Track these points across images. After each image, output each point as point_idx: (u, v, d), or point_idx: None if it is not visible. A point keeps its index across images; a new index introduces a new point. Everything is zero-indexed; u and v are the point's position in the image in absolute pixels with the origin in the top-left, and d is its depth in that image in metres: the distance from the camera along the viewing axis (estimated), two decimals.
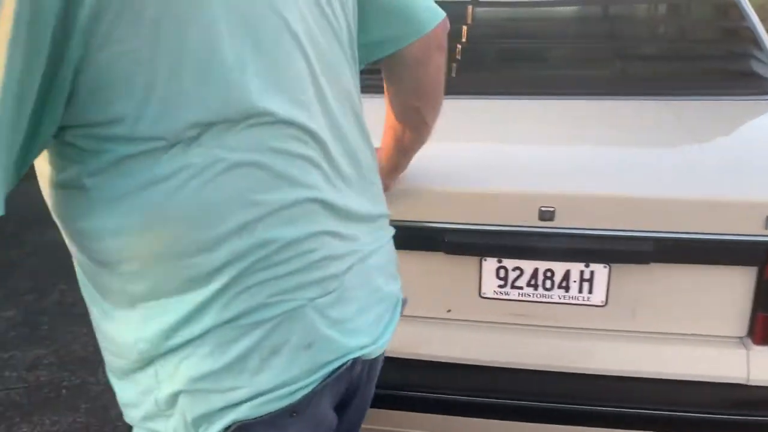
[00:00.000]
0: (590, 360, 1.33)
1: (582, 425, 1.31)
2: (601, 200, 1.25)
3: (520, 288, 1.33)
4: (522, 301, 1.34)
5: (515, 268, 1.32)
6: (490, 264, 1.33)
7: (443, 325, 1.39)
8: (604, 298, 1.31)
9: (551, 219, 1.25)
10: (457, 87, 1.83)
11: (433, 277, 1.36)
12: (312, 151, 0.73)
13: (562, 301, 1.33)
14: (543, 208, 1.25)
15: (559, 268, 1.31)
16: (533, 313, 1.35)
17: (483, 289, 1.35)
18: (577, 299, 1.32)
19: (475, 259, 1.33)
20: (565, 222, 1.25)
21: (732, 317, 1.29)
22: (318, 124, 0.73)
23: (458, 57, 1.91)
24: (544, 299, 1.33)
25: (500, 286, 1.34)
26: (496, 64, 1.94)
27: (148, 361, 0.71)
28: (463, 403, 1.35)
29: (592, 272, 1.30)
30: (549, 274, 1.31)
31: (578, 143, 1.46)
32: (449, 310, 1.38)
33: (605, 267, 1.29)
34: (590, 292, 1.31)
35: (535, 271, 1.32)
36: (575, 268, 1.30)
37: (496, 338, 1.36)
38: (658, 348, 1.31)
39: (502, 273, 1.33)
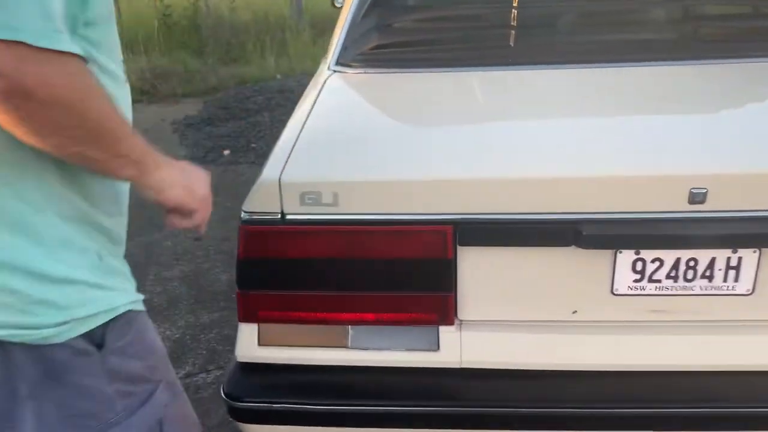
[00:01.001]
0: (735, 355, 1.20)
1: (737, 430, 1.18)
2: (759, 178, 1.10)
3: (658, 281, 1.18)
4: (660, 296, 1.19)
5: (655, 260, 1.17)
6: (626, 257, 1.16)
7: (568, 328, 1.23)
8: (750, 287, 1.17)
9: (702, 202, 1.10)
10: (520, 57, 1.66)
11: (557, 275, 1.19)
12: None
13: (704, 292, 1.18)
14: (694, 190, 1.09)
15: (703, 256, 1.16)
16: (672, 308, 1.20)
17: (615, 285, 1.19)
18: (721, 289, 1.18)
19: (607, 253, 1.17)
20: (717, 205, 1.10)
21: None
22: None
23: (514, 23, 1.73)
24: (684, 292, 1.18)
25: (636, 281, 1.18)
26: (558, 29, 1.77)
27: None
28: (596, 416, 1.20)
29: (739, 258, 1.15)
30: (692, 263, 1.16)
31: (706, 114, 1.31)
32: (575, 312, 1.22)
33: (755, 252, 1.15)
34: (736, 280, 1.17)
35: (677, 261, 1.16)
36: (721, 255, 1.15)
37: (631, 339, 1.21)
38: None
39: (639, 266, 1.17)
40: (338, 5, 3.66)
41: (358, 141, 1.30)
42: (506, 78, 1.60)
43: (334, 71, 1.81)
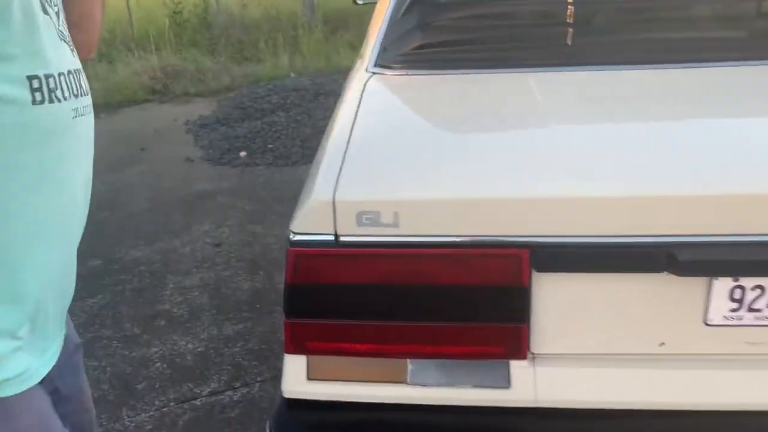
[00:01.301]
0: None
1: None
2: None
3: (758, 310, 1.05)
4: (759, 327, 1.06)
5: (756, 287, 1.03)
6: (723, 284, 1.03)
7: (655, 362, 1.10)
8: None
9: None
10: (579, 57, 1.53)
11: (644, 304, 1.06)
12: None
13: None
14: None
15: None
16: None
17: (709, 315, 1.06)
18: None
19: (702, 280, 1.04)
20: None
21: None
22: None
23: (571, 20, 1.60)
24: None
25: (733, 310, 1.05)
26: (621, 26, 1.63)
27: None
28: None
29: None
30: None
31: None
32: (662, 344, 1.09)
33: None
34: None
35: None
36: None
37: (726, 374, 1.08)
38: None
39: (737, 294, 1.04)
40: (360, 2, 3.53)
41: (416, 153, 1.17)
42: (569, 80, 1.46)
43: (373, 73, 1.68)
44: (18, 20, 0.76)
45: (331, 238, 1.05)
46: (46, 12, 0.84)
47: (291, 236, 1.08)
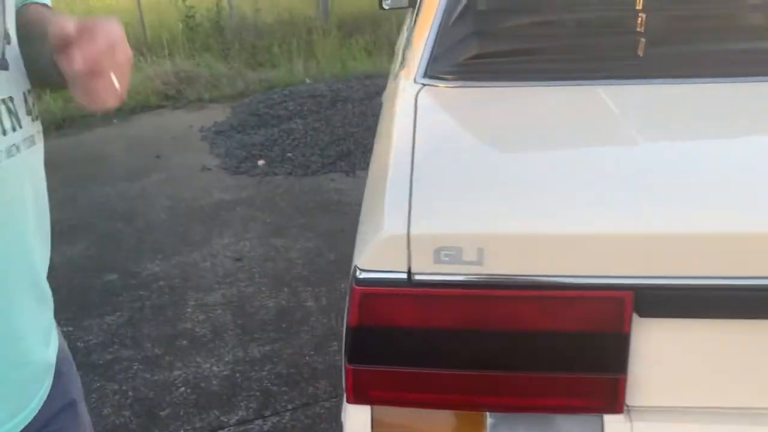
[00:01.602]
0: None
1: None
2: None
3: None
4: None
5: None
6: None
7: (763, 419, 0.97)
8: None
9: None
10: (652, 69, 1.40)
11: (760, 352, 0.93)
12: None
13: None
14: None
15: None
16: None
17: None
18: None
19: None
20: None
21: None
22: None
23: (642, 29, 1.47)
24: None
25: None
26: (696, 36, 1.50)
27: None
28: None
29: None
30: None
31: None
32: None
33: None
34: None
35: None
36: None
37: None
38: None
39: None
40: (386, 7, 3.41)
41: (496, 178, 1.05)
42: (646, 94, 1.34)
43: (423, 84, 1.56)
44: None
45: (404, 276, 0.93)
46: None
47: (357, 273, 0.95)
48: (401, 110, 1.46)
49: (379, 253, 0.94)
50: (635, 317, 0.91)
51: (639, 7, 1.49)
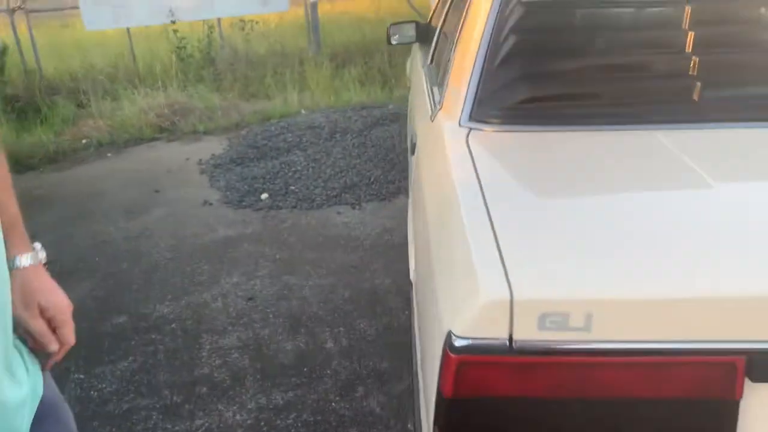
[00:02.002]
0: None
1: None
2: None
3: None
4: None
5: None
6: None
7: None
8: None
9: None
10: (710, 113, 1.39)
11: None
12: None
13: None
14: None
15: None
16: None
17: None
18: None
19: None
20: None
21: None
22: None
23: (695, 73, 1.46)
24: None
25: None
26: (751, 78, 1.49)
27: None
28: None
29: None
30: None
31: None
32: None
33: None
34: None
35: None
36: None
37: None
38: None
39: None
40: (394, 42, 3.40)
41: (586, 236, 1.01)
42: (708, 139, 1.32)
43: (470, 128, 1.53)
44: None
45: (505, 343, 0.88)
46: None
47: (453, 340, 0.91)
48: (453, 157, 1.43)
49: (478, 319, 0.90)
50: (747, 382, 0.88)
51: (692, 50, 1.48)
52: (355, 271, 3.16)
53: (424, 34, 3.40)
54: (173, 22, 7.13)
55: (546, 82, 1.53)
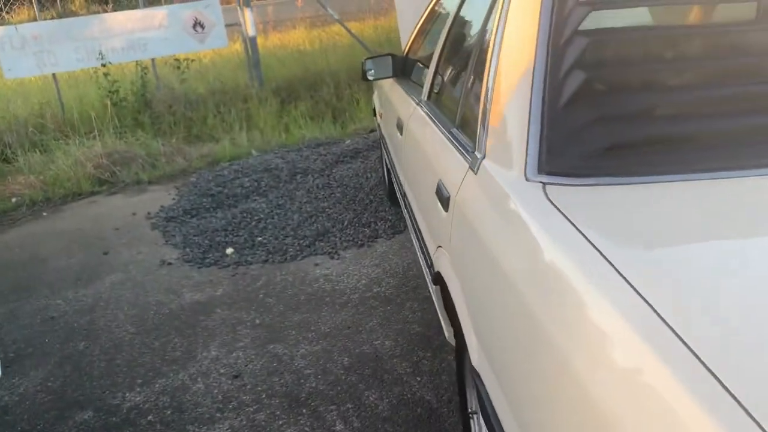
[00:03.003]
0: None
1: None
2: None
3: None
4: None
5: None
6: None
7: None
8: None
9: None
10: None
11: None
12: None
13: None
14: None
15: None
16: None
17: None
18: None
19: None
20: None
21: None
22: None
23: None
24: None
25: None
26: None
27: None
28: None
29: None
30: None
31: None
32: None
33: None
34: None
35: None
36: None
37: None
38: None
39: None
40: (371, 78, 3.14)
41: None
42: None
43: (543, 183, 1.27)
44: None
45: None
46: None
47: None
48: (540, 221, 1.16)
49: None
50: None
51: None
52: (349, 333, 2.84)
53: (401, 67, 3.15)
54: (104, 65, 6.66)
55: (634, 123, 1.29)
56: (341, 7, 8.93)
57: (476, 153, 1.58)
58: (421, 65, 2.84)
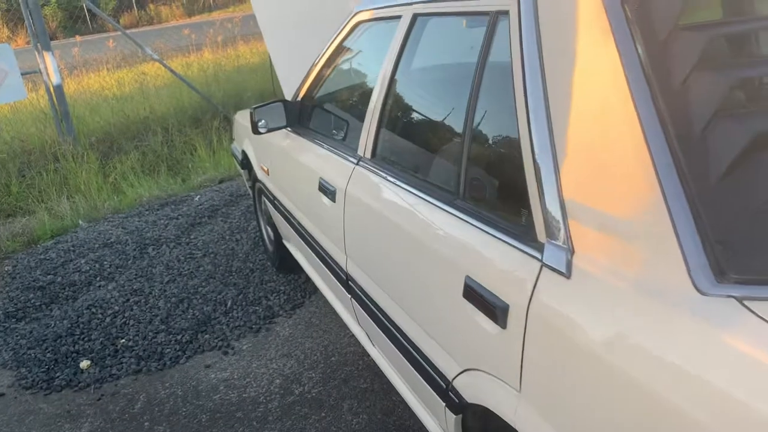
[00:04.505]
0: None
1: None
2: None
3: None
4: None
5: None
6: None
7: None
8: None
9: None
10: None
11: None
12: None
13: None
14: None
15: None
16: None
17: None
18: None
19: None
20: None
21: None
22: None
23: None
24: None
25: None
26: None
27: None
28: None
29: None
30: None
31: None
32: None
33: None
34: None
35: None
36: None
37: None
38: None
39: None
40: (263, 131, 2.52)
41: None
42: None
43: (735, 297, 0.83)
44: None
45: None
46: None
47: None
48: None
49: None
50: None
51: None
52: None
53: (296, 115, 2.58)
54: None
55: None
56: (157, 43, 8.02)
57: (552, 243, 1.09)
58: (340, 115, 2.31)
